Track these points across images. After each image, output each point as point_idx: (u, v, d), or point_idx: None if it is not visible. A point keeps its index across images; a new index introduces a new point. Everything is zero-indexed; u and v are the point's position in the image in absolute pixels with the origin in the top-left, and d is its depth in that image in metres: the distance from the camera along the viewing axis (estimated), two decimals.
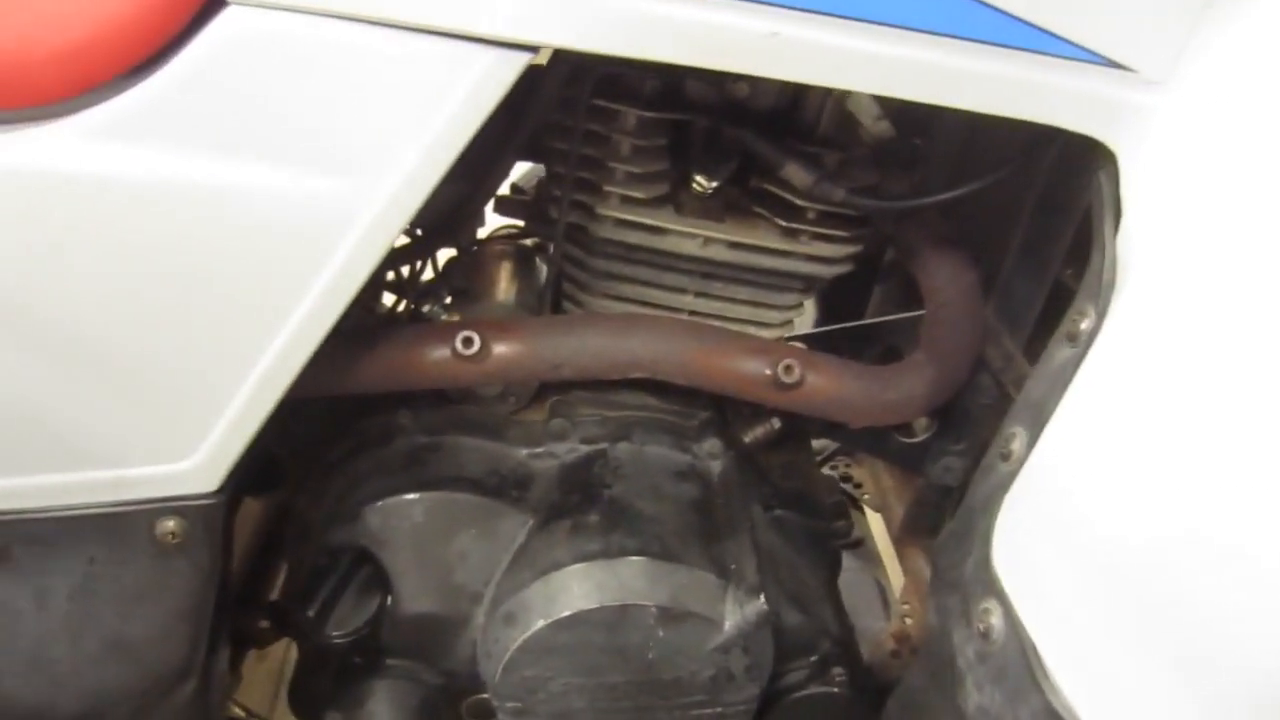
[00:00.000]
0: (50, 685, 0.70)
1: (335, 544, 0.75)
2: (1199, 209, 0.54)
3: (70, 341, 0.59)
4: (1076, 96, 0.56)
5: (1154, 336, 0.54)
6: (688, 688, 0.72)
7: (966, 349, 0.78)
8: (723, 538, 0.75)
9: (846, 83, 0.57)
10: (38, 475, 0.63)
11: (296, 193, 0.56)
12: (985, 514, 0.63)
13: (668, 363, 0.72)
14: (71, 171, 0.54)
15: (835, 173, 0.72)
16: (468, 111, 0.55)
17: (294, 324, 0.60)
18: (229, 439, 0.64)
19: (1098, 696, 0.51)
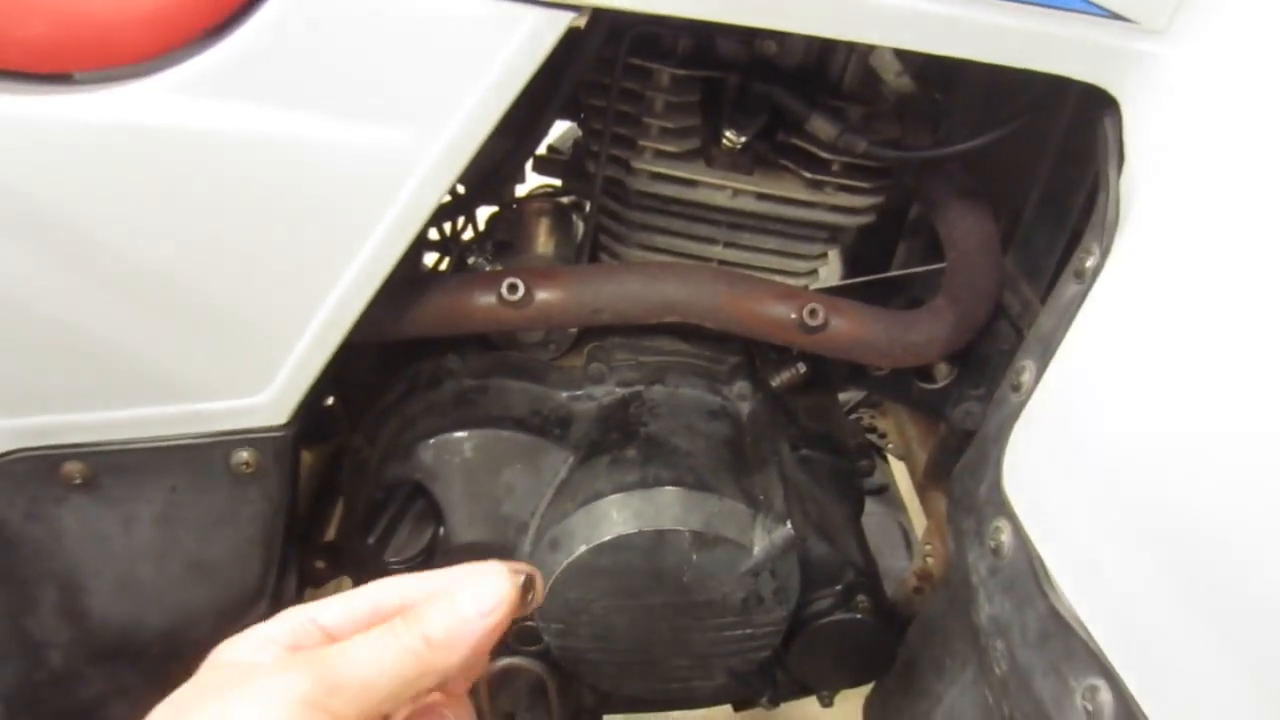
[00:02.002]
0: (137, 604, 0.76)
1: (391, 479, 0.81)
2: (1197, 151, 0.57)
3: (155, 284, 0.64)
4: (1080, 47, 0.60)
5: (1153, 271, 0.58)
6: (720, 609, 0.77)
7: (986, 294, 0.82)
8: (752, 471, 0.79)
9: (867, 36, 0.60)
10: (124, 409, 0.69)
11: (362, 144, 0.61)
12: (997, 442, 0.67)
13: (699, 306, 0.77)
14: (158, 125, 0.59)
15: (859, 126, 0.76)
16: (517, 67, 0.60)
17: (358, 267, 0.65)
18: (297, 376, 0.69)
19: (1096, 598, 0.56)
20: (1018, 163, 0.88)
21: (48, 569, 0.73)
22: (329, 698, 0.36)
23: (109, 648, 0.77)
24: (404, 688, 0.38)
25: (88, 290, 0.64)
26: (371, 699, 0.37)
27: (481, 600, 0.39)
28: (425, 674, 0.38)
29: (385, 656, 0.38)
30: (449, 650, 0.39)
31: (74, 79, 0.60)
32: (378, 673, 0.37)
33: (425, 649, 0.38)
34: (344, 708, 0.36)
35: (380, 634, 0.39)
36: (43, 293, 0.63)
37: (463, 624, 0.39)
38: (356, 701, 0.37)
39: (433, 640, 0.38)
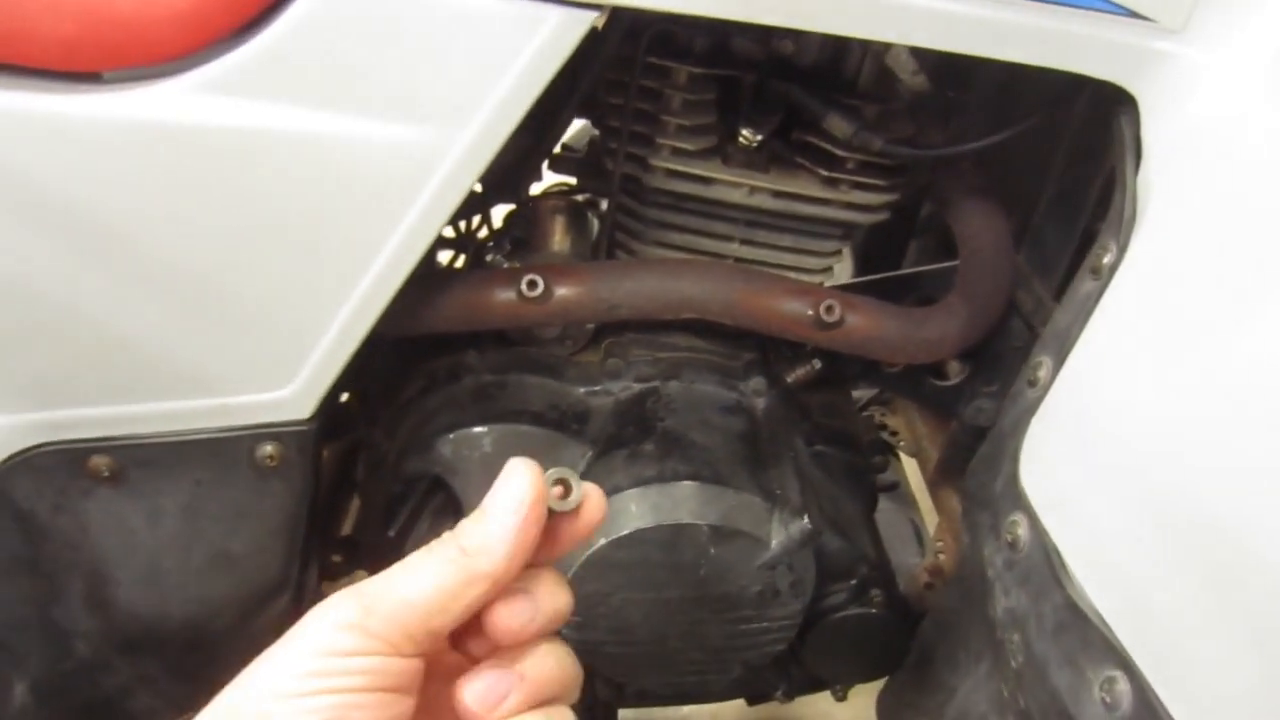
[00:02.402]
0: (162, 595, 0.78)
1: (410, 473, 0.82)
2: (1213, 148, 0.58)
3: (182, 281, 0.65)
4: (1099, 45, 0.60)
5: (1170, 267, 0.59)
6: (736, 603, 0.78)
7: (998, 292, 0.82)
8: (768, 466, 0.80)
9: (886, 35, 0.61)
10: (151, 403, 0.71)
11: (387, 142, 0.62)
12: (1013, 436, 0.68)
13: (716, 302, 0.78)
14: (186, 124, 0.60)
15: (874, 124, 0.76)
16: (540, 66, 0.61)
17: (382, 263, 0.66)
18: (321, 371, 0.70)
19: (1113, 590, 0.56)
20: (1031, 161, 0.89)
21: (75, 560, 0.74)
22: (366, 618, 0.36)
23: (134, 638, 0.78)
24: (448, 599, 0.38)
25: (115, 286, 0.65)
26: (413, 614, 0.37)
27: (507, 499, 0.39)
28: (467, 582, 0.38)
29: (422, 572, 0.38)
30: (485, 553, 0.38)
31: (103, 78, 0.60)
32: (415, 588, 0.37)
33: (462, 556, 0.38)
34: (382, 625, 0.36)
35: (418, 554, 0.39)
36: (71, 288, 0.64)
37: (495, 524, 0.39)
38: (395, 618, 0.37)
39: (467, 547, 0.38)
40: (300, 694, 0.35)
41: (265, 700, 0.35)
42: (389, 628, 0.37)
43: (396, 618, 0.37)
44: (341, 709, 0.35)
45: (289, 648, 0.36)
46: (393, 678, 0.37)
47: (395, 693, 0.37)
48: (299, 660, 0.36)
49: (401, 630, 0.37)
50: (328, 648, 0.36)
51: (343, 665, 0.36)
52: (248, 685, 0.36)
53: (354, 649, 0.36)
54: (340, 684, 0.35)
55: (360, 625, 0.36)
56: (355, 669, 0.36)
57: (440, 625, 0.38)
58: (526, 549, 0.39)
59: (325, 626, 0.36)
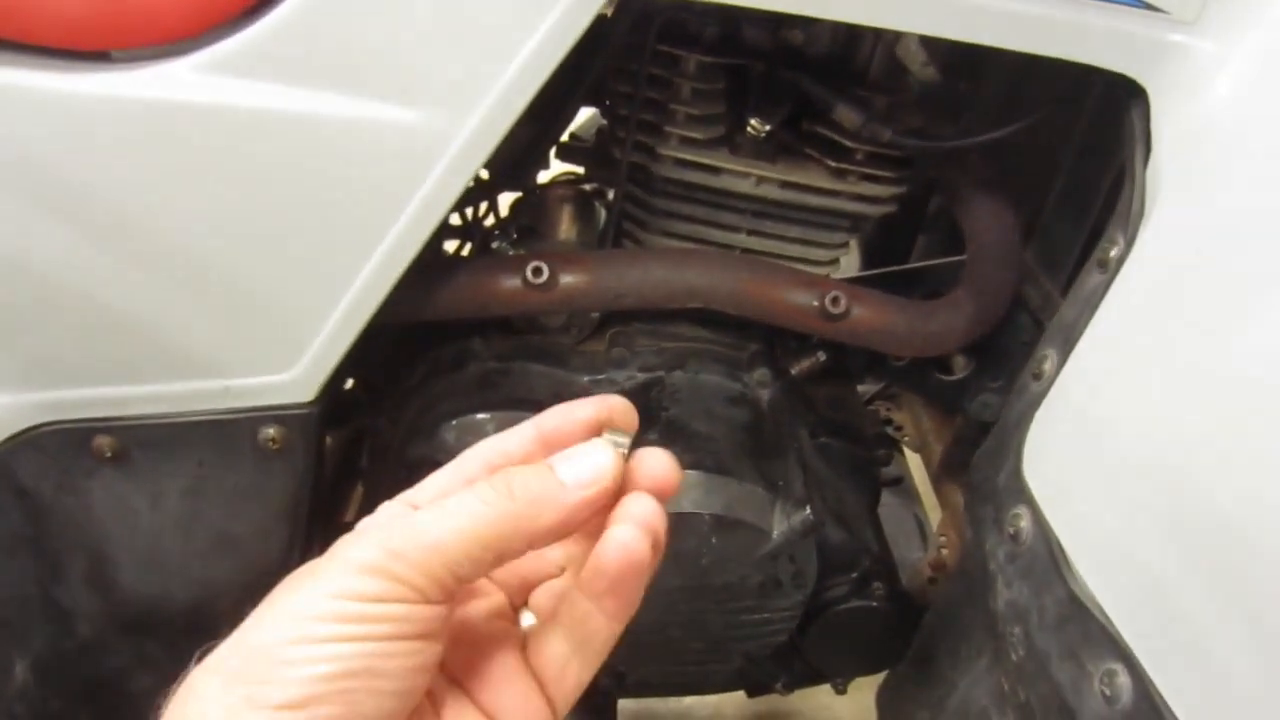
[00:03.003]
0: (164, 577, 0.78)
1: (414, 459, 0.82)
2: (1224, 142, 0.58)
3: (187, 261, 0.65)
4: (1112, 36, 0.60)
5: (1178, 261, 0.59)
6: (738, 593, 0.78)
7: (1005, 286, 0.82)
8: (771, 457, 0.80)
9: (900, 24, 0.61)
10: (154, 384, 0.71)
11: (394, 125, 0.62)
12: (1018, 430, 0.67)
13: (722, 292, 0.78)
14: (194, 104, 0.60)
15: (883, 115, 0.76)
16: (547, 50, 0.61)
17: (386, 247, 0.66)
18: (325, 353, 0.70)
19: (1115, 583, 0.56)
20: (1040, 156, 0.88)
21: (77, 540, 0.74)
22: (391, 561, 0.34)
23: (135, 619, 0.78)
24: (481, 547, 0.35)
25: (121, 266, 0.65)
26: (441, 560, 0.35)
27: (581, 472, 0.37)
28: (505, 535, 0.36)
29: (457, 516, 0.35)
30: (534, 509, 0.36)
31: (111, 57, 0.61)
32: (447, 533, 0.35)
33: (509, 501, 0.36)
34: (409, 571, 0.34)
35: (459, 495, 0.36)
36: (76, 268, 0.64)
37: (557, 488, 0.37)
38: (423, 565, 0.34)
39: (519, 494, 0.36)
40: (323, 639, 0.33)
41: (286, 646, 0.33)
42: (414, 573, 0.34)
43: (423, 563, 0.34)
44: (366, 658, 0.33)
45: (310, 588, 0.34)
46: (419, 624, 0.35)
47: (422, 640, 0.35)
48: (320, 603, 0.33)
49: (427, 575, 0.34)
50: (352, 591, 0.34)
51: (368, 611, 0.33)
52: (269, 625, 0.34)
53: (379, 594, 0.34)
54: (364, 631, 0.33)
55: (384, 569, 0.34)
56: (381, 615, 0.34)
57: (468, 574, 0.36)
58: (576, 526, 0.38)
59: (348, 569, 0.34)
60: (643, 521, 0.38)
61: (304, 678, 0.32)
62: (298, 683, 0.32)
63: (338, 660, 0.33)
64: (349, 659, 0.33)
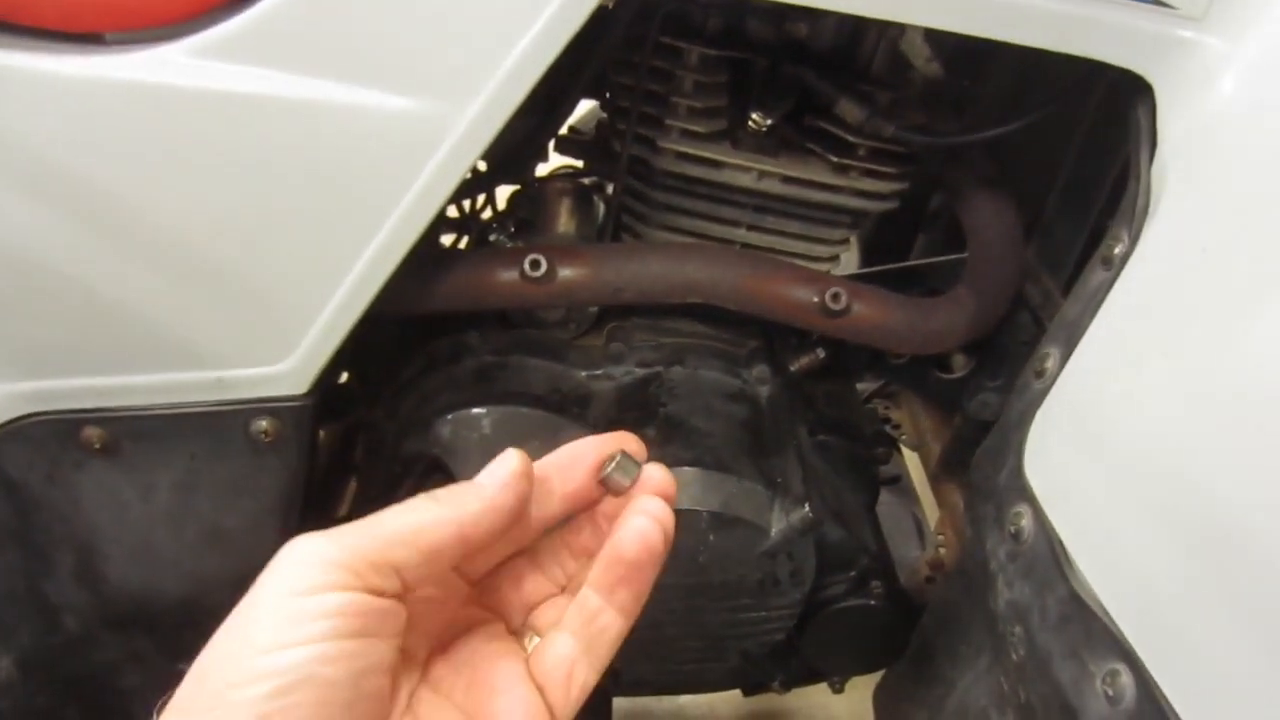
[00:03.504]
0: (153, 571, 0.77)
1: (409, 454, 0.81)
2: (1230, 139, 0.57)
3: (180, 249, 0.64)
4: (1118, 31, 0.60)
5: (1183, 258, 0.58)
6: (736, 591, 0.77)
7: (1006, 284, 0.82)
8: (770, 454, 0.79)
9: (908, 16, 0.60)
10: (145, 374, 0.70)
11: (391, 113, 0.61)
12: (1019, 428, 0.67)
13: (722, 287, 0.77)
14: (188, 88, 0.59)
15: (886, 111, 0.75)
16: (548, 39, 0.60)
17: (382, 237, 0.65)
18: (319, 346, 0.69)
19: (1117, 582, 0.56)
20: (1042, 155, 0.88)
21: (66, 533, 0.73)
22: (326, 545, 0.36)
23: (124, 613, 0.77)
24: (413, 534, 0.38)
25: (112, 253, 0.64)
26: (375, 545, 0.37)
27: (494, 470, 0.41)
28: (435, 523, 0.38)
29: (389, 512, 0.38)
30: (457, 502, 0.39)
31: (105, 40, 0.60)
32: (378, 523, 0.38)
33: (431, 502, 0.39)
34: (344, 554, 0.36)
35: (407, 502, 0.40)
36: (67, 254, 0.63)
37: (474, 487, 0.40)
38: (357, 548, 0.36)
39: (441, 495, 0.39)
40: (266, 649, 0.33)
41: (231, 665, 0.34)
42: (350, 555, 0.36)
43: (357, 545, 0.36)
44: (312, 664, 0.34)
45: (253, 597, 0.36)
46: (362, 618, 0.35)
47: (368, 637, 0.36)
48: (263, 607, 0.35)
49: (363, 558, 0.36)
50: (292, 586, 0.35)
51: (307, 607, 0.34)
52: (219, 643, 0.35)
53: (318, 583, 0.35)
54: (308, 632, 0.34)
55: (320, 553, 0.36)
56: (323, 610, 0.34)
57: (403, 560, 0.37)
58: (502, 513, 0.40)
59: (288, 562, 0.36)
60: (656, 515, 0.42)
61: (250, 699, 0.32)
62: (244, 705, 0.32)
63: (279, 674, 0.33)
64: (290, 670, 0.33)
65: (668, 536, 0.43)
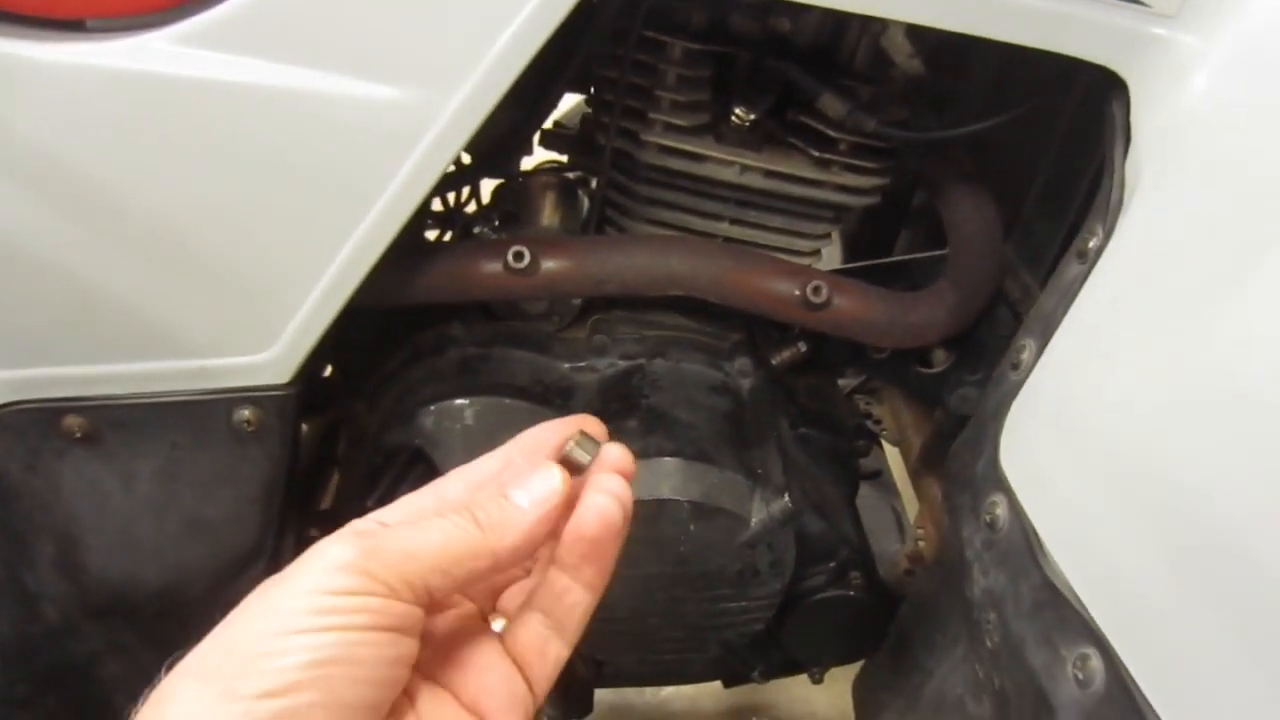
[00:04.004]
0: (135, 561, 0.76)
1: (391, 444, 0.81)
2: (1201, 135, 0.58)
3: (161, 237, 0.64)
4: (1093, 28, 0.60)
5: (1155, 252, 0.59)
6: (716, 581, 0.78)
7: (986, 279, 0.83)
8: (751, 445, 0.80)
9: (888, 11, 0.61)
10: (127, 363, 0.69)
11: (374, 103, 0.61)
12: (995, 419, 0.68)
13: (704, 280, 0.77)
14: (170, 76, 0.59)
15: (868, 106, 0.76)
16: (532, 30, 0.60)
17: (366, 226, 0.65)
18: (302, 335, 0.69)
19: (1089, 569, 0.57)
20: (1022, 153, 0.89)
21: (46, 522, 0.73)
22: (367, 560, 0.36)
23: (105, 603, 0.77)
24: (451, 562, 0.38)
25: (93, 241, 0.64)
26: (414, 568, 0.37)
27: (539, 491, 0.41)
28: (473, 553, 0.38)
29: (431, 530, 0.38)
30: (499, 532, 0.39)
31: (86, 26, 0.59)
32: (422, 543, 0.38)
33: (475, 530, 0.39)
34: (384, 571, 0.36)
35: (431, 519, 0.39)
36: (48, 242, 0.63)
37: (516, 512, 0.40)
38: (397, 567, 0.36)
39: (483, 523, 0.39)
40: (301, 630, 0.34)
41: (264, 639, 0.34)
42: (388, 574, 0.36)
43: (397, 566, 0.37)
44: (344, 646, 0.34)
45: (286, 587, 0.36)
46: (394, 618, 0.36)
47: (397, 633, 0.36)
48: (298, 598, 0.35)
49: (400, 578, 0.36)
50: (326, 587, 0.35)
51: (344, 603, 0.35)
52: (245, 623, 0.35)
53: (353, 588, 0.35)
54: (341, 621, 0.35)
55: (360, 566, 0.36)
56: (355, 607, 0.35)
57: (438, 585, 0.38)
58: (538, 543, 0.41)
59: (325, 566, 0.36)
60: (614, 492, 0.43)
61: (283, 667, 0.33)
62: (277, 672, 0.33)
63: (316, 649, 0.34)
64: (327, 648, 0.34)
65: (627, 512, 0.43)
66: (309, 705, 0.33)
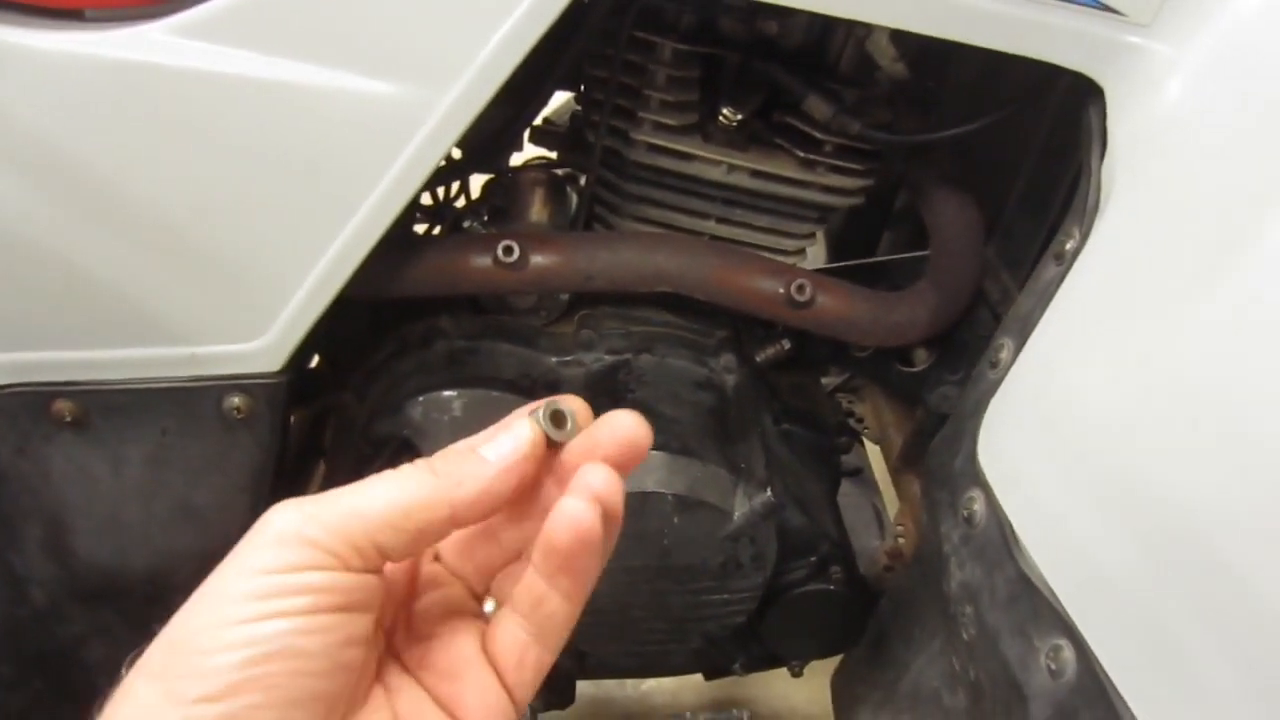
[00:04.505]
0: (122, 545, 0.77)
1: (379, 435, 0.82)
2: (1174, 140, 0.60)
3: (156, 225, 0.65)
4: (1070, 36, 0.62)
5: (1129, 254, 0.61)
6: (699, 573, 0.79)
7: (967, 280, 0.84)
8: (735, 440, 0.81)
9: (867, 15, 0.62)
10: (118, 349, 0.70)
11: (369, 97, 0.62)
12: (974, 416, 0.69)
13: (690, 277, 0.79)
14: (167, 66, 0.60)
15: (853, 108, 0.78)
16: (524, 29, 0.61)
17: (359, 219, 0.66)
18: (293, 324, 0.70)
19: (1062, 562, 0.58)
20: (1003, 157, 0.90)
21: (35, 506, 0.74)
22: (305, 525, 0.34)
23: (92, 587, 0.78)
24: (401, 515, 0.35)
25: (87, 227, 0.64)
26: (359, 525, 0.34)
27: (501, 446, 0.37)
28: (425, 503, 0.35)
29: (376, 485, 0.35)
30: (456, 479, 0.36)
31: (85, 16, 0.60)
32: (364, 498, 0.35)
33: (429, 474, 0.36)
34: (324, 534, 0.33)
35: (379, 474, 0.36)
36: (41, 228, 0.63)
37: (477, 461, 0.36)
38: (339, 528, 0.34)
39: (439, 469, 0.36)
40: (240, 620, 0.32)
41: (203, 633, 0.32)
42: (332, 538, 0.34)
43: (340, 528, 0.34)
44: (288, 636, 0.32)
45: (227, 569, 0.34)
46: (342, 594, 0.34)
47: (347, 612, 0.34)
48: (236, 581, 0.33)
49: (345, 540, 0.34)
50: (268, 564, 0.33)
51: (285, 583, 0.33)
52: (188, 615, 0.33)
53: (295, 563, 0.33)
54: (284, 606, 0.32)
55: (299, 534, 0.33)
56: (299, 587, 0.33)
57: (390, 543, 0.35)
58: (503, 497, 0.37)
59: (265, 541, 0.34)
60: (594, 492, 0.37)
61: (220, 666, 0.31)
62: (215, 672, 0.31)
63: (254, 644, 0.32)
64: (265, 641, 0.32)
65: (613, 513, 0.38)
66: (249, 708, 0.31)
